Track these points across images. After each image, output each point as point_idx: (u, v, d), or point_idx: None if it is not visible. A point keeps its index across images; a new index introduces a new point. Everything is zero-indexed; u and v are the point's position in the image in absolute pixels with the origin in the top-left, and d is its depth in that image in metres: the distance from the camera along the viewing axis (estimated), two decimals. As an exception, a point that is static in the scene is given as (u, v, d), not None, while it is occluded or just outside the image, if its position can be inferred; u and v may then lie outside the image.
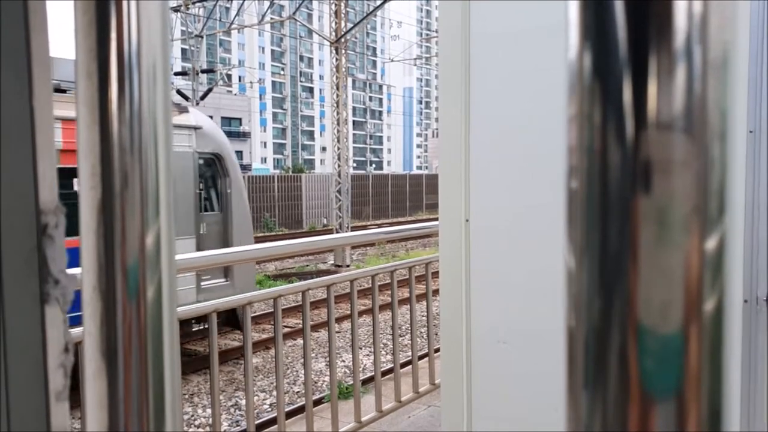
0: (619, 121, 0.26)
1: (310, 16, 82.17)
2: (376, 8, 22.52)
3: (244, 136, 59.97)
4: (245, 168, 48.00)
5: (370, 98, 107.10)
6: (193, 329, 9.39)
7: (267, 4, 25.91)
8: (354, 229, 22.78)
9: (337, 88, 22.72)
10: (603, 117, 0.27)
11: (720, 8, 0.26)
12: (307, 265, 19.84)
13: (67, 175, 2.22)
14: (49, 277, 0.50)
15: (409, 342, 5.09)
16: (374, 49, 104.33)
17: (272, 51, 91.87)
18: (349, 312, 4.50)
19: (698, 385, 0.26)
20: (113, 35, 0.39)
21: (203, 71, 23.55)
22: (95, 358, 0.40)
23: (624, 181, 0.26)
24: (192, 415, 8.20)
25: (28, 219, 0.49)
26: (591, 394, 0.27)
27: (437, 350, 3.39)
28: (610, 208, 0.27)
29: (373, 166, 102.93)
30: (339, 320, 9.94)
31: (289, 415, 5.82)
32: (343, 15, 22.57)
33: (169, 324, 0.41)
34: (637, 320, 0.26)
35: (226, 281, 9.96)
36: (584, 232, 0.27)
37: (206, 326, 3.66)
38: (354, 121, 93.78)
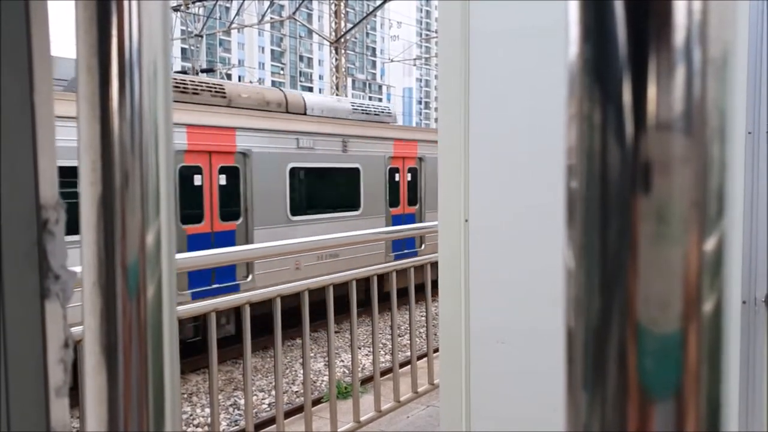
0: (618, 121, 0.26)
1: (309, 16, 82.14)
2: (376, 8, 22.49)
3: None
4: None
5: (370, 98, 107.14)
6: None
7: (267, 3, 25.88)
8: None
9: (337, 88, 22.74)
10: (602, 117, 0.27)
11: (719, 8, 0.26)
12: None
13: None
14: (50, 272, 0.50)
15: (408, 342, 5.08)
16: (374, 49, 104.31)
17: (272, 51, 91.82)
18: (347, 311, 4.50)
19: (697, 385, 0.26)
20: (114, 32, 0.39)
21: (203, 71, 23.51)
22: (95, 353, 0.40)
23: (623, 181, 0.26)
24: (191, 415, 8.19)
25: (28, 214, 0.49)
26: (590, 394, 0.27)
27: (436, 350, 3.39)
28: (610, 208, 0.27)
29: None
30: (338, 320, 10.05)
31: (288, 414, 5.82)
32: (342, 15, 22.59)
33: (169, 321, 0.41)
34: (636, 320, 0.26)
35: None
36: (583, 232, 0.27)
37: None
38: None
